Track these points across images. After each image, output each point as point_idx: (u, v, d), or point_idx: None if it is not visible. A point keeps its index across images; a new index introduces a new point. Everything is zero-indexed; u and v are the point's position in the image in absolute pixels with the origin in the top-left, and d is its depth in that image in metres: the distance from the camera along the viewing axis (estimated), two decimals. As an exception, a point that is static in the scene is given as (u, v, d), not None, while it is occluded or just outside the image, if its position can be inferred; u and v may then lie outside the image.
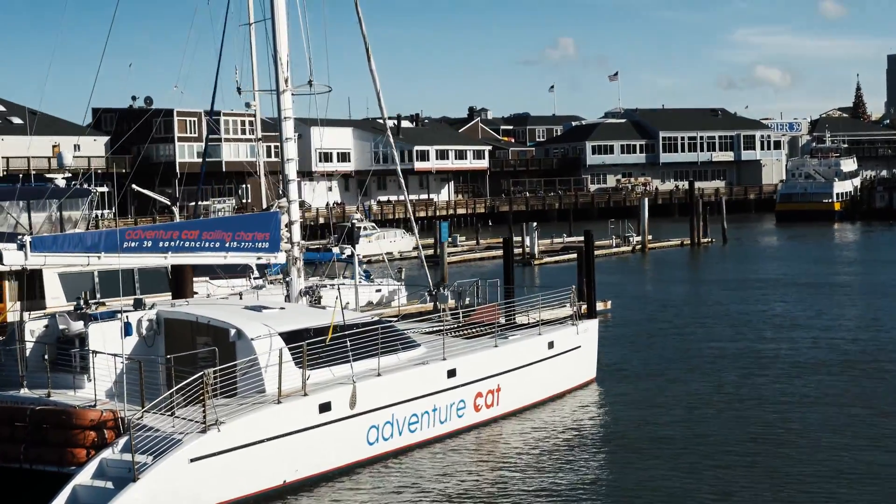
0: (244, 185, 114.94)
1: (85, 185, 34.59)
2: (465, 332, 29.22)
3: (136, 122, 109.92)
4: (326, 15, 29.15)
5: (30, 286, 33.03)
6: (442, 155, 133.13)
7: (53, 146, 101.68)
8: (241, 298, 28.09)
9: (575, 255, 77.18)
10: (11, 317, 33.09)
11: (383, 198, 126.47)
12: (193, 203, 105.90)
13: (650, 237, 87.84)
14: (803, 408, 28.09)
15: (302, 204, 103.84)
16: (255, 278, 46.83)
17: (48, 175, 37.37)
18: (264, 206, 55.87)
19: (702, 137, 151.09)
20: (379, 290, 48.65)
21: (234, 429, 20.23)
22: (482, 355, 26.34)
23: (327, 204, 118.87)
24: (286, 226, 27.56)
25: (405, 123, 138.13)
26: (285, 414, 21.22)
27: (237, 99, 29.16)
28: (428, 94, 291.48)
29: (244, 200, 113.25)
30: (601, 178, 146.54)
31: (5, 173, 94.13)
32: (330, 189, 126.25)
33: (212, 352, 21.90)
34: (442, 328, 26.51)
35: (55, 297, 32.90)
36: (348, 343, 22.95)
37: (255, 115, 54.22)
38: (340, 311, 23.36)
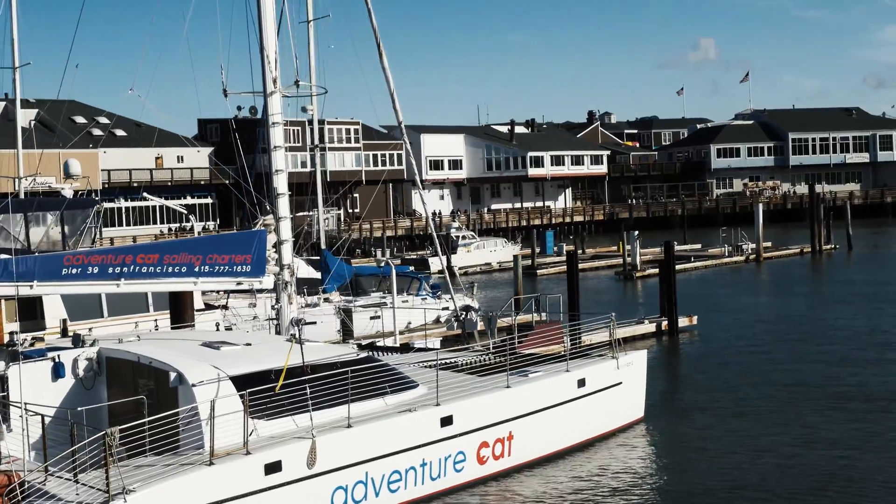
0: (353, 195, 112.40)
1: (94, 196, 31.78)
2: (498, 360, 25.50)
3: (240, 133, 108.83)
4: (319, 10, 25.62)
5: (28, 306, 30.40)
6: (557, 161, 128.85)
7: (156, 158, 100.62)
8: (217, 330, 24.84)
9: (682, 267, 72.94)
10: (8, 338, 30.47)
11: (497, 206, 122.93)
12: (302, 213, 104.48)
13: (768, 244, 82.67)
14: (875, 454, 23.71)
15: (412, 213, 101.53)
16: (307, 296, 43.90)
17: (54, 186, 34.71)
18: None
19: (834, 138, 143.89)
20: (446, 308, 45.18)
21: (146, 498, 16.81)
22: (489, 398, 22.50)
23: (433, 212, 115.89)
24: (273, 246, 24.15)
25: (520, 129, 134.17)
26: (218, 477, 17.73)
27: (223, 102, 25.63)
28: (551, 99, 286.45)
29: (352, 210, 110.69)
30: (727, 182, 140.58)
31: (106, 186, 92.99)
32: (442, 197, 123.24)
33: (139, 401, 18.61)
34: (436, 363, 22.64)
35: (56, 318, 30.24)
36: (308, 389, 19.39)
37: (312, 121, 50.82)
38: (300, 349, 19.80)
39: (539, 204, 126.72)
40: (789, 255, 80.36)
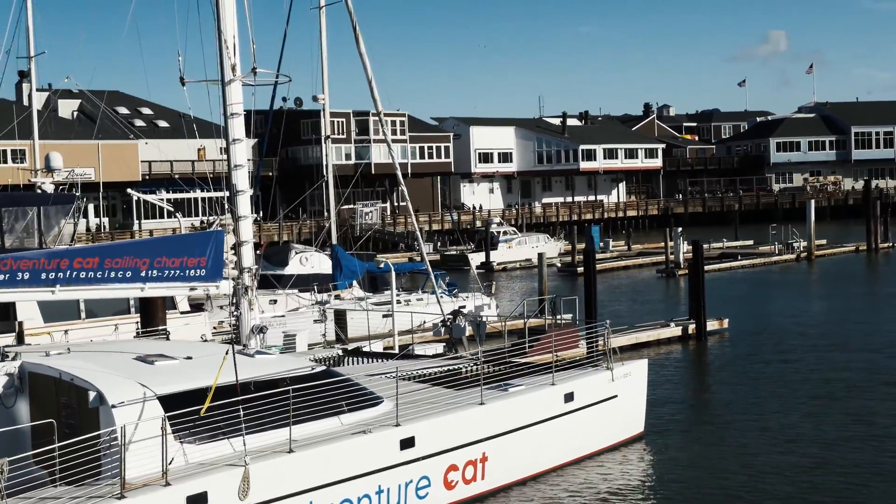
0: (398, 188, 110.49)
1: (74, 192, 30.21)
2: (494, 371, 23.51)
3: (285, 124, 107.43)
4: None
5: (1, 308, 28.90)
6: (610, 154, 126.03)
7: (199, 149, 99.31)
8: (168, 339, 23.00)
9: (729, 265, 70.33)
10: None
11: (548, 200, 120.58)
12: (347, 206, 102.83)
13: (822, 242, 79.81)
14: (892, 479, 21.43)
15: (461, 206, 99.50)
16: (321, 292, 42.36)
17: (33, 180, 33.13)
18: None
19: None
20: (462, 307, 43.19)
21: (40, 534, 15.01)
22: (458, 416, 20.45)
23: (472, 206, 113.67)
24: (232, 248, 22.25)
25: (573, 121, 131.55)
26: (129, 512, 15.85)
27: (180, 89, 23.65)
28: (612, 92, 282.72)
29: (397, 203, 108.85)
30: (786, 177, 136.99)
31: (147, 178, 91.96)
32: (491, 191, 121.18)
33: (48, 424, 16.77)
34: (396, 375, 20.51)
35: (30, 319, 28.72)
36: (241, 410, 17.46)
37: (323, 111, 48.93)
38: (233, 364, 17.84)
39: (591, 198, 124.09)
40: (843, 253, 77.40)
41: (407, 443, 19.33)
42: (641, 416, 25.07)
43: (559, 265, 70.88)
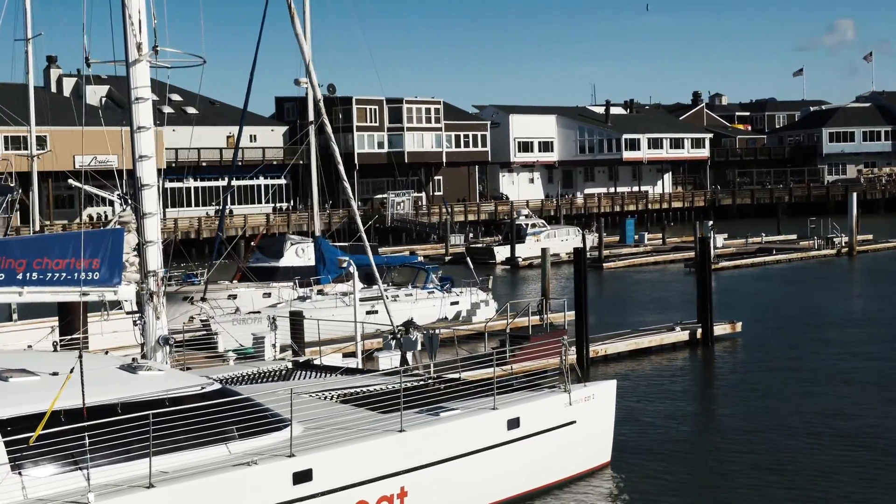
0: (435, 177, 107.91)
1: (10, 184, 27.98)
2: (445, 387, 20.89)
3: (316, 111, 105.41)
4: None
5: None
6: (655, 143, 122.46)
7: (228, 137, 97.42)
8: (56, 350, 20.56)
9: (763, 259, 67.14)
10: None
11: (590, 190, 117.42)
12: (378, 196, 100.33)
13: (869, 237, 76.39)
14: None
15: (499, 196, 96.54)
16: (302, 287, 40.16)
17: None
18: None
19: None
20: (456, 303, 40.89)
21: None
22: (368, 445, 17.79)
23: (500, 195, 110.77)
24: (135, 248, 19.78)
25: (616, 110, 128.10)
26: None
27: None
28: (668, 80, 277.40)
29: (433, 193, 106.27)
30: (839, 168, 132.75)
31: (173, 165, 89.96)
32: (531, 181, 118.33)
33: None
34: (290, 395, 17.69)
35: None
36: (87, 438, 15.01)
37: (310, 96, 46.46)
38: (80, 384, 15.32)
39: (635, 189, 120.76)
40: (888, 248, 73.78)
41: (302, 476, 16.74)
42: (607, 445, 22.21)
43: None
